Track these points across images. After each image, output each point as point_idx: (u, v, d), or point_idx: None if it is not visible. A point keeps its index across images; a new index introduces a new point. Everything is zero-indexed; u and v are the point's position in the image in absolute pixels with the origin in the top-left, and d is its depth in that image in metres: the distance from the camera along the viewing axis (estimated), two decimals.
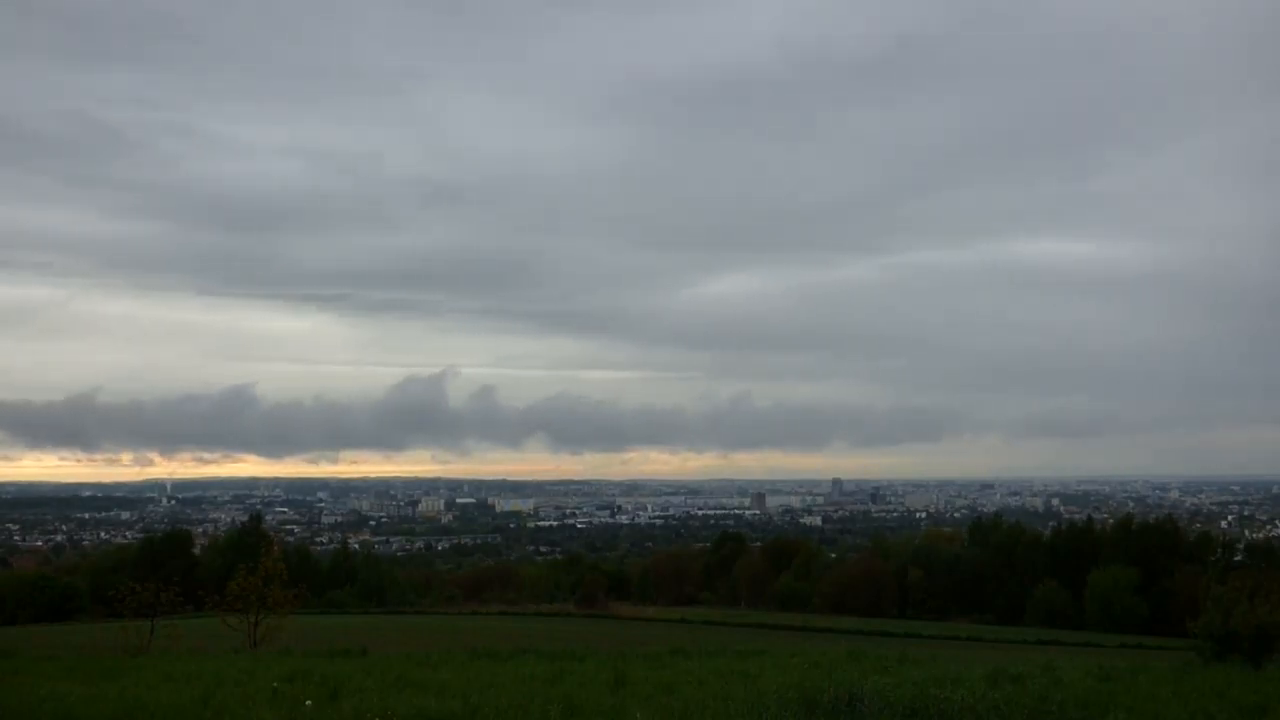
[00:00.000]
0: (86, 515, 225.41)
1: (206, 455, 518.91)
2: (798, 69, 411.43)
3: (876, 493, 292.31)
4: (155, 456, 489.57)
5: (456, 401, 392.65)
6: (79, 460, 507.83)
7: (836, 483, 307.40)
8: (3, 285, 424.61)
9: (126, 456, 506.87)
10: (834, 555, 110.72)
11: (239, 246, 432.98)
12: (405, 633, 43.07)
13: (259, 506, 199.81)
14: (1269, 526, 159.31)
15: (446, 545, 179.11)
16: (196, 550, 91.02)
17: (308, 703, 13.12)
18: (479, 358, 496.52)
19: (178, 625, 31.24)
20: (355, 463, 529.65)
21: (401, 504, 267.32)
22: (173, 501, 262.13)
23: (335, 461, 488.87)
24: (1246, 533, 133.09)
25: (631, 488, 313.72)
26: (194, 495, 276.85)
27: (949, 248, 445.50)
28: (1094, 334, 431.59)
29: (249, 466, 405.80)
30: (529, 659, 21.08)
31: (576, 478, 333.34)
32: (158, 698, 13.90)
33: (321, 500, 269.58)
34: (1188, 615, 22.46)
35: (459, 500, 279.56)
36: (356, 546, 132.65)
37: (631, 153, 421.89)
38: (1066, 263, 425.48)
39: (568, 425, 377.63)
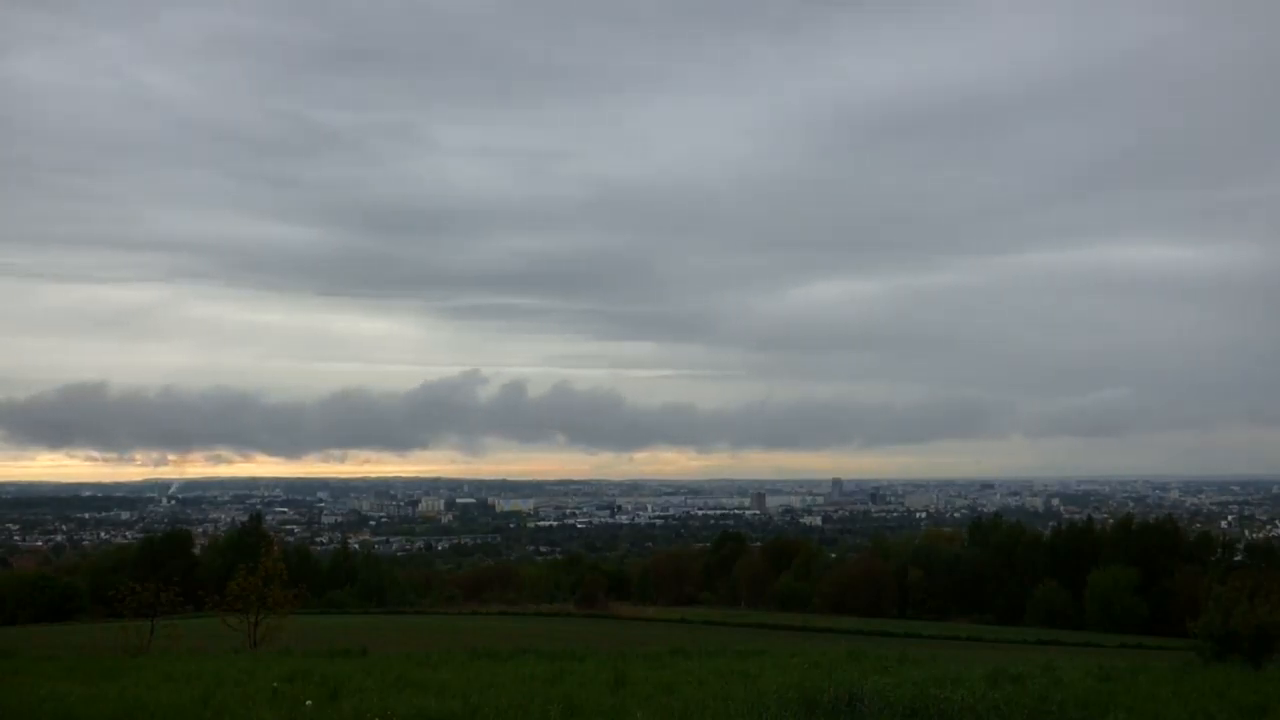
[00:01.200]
0: (86, 515, 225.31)
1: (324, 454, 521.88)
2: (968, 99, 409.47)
3: (876, 493, 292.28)
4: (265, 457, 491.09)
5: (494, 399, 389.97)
6: (173, 461, 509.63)
7: (836, 483, 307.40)
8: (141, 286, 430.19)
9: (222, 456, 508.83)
10: (834, 555, 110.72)
11: (378, 249, 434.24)
12: (405, 633, 43.07)
13: (259, 506, 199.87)
14: (1269, 526, 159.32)
15: (446, 545, 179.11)
16: (196, 550, 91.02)
17: (308, 703, 13.12)
18: (541, 358, 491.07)
19: (178, 625, 31.25)
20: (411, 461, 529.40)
21: (401, 504, 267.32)
22: (173, 501, 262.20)
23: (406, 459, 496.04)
24: (1246, 533, 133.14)
25: (631, 487, 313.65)
26: (194, 495, 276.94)
27: (1052, 251, 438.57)
28: (1135, 333, 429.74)
29: (386, 465, 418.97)
30: (529, 659, 21.08)
31: (577, 477, 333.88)
32: (158, 698, 13.90)
33: (321, 500, 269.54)
34: (1188, 615, 22.46)
35: (459, 500, 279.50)
36: (356, 546, 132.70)
37: (786, 167, 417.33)
38: (1158, 267, 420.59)
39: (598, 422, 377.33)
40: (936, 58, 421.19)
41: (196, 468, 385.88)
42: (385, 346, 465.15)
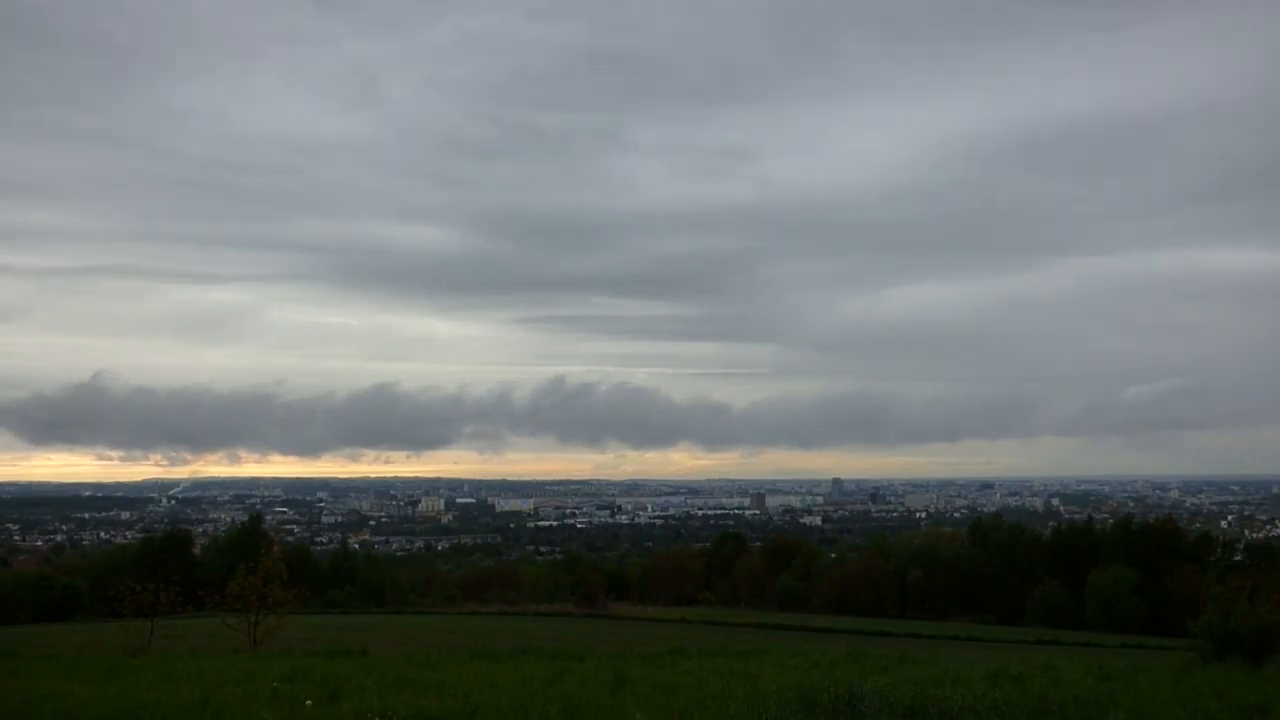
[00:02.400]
0: (86, 515, 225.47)
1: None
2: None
3: (876, 493, 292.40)
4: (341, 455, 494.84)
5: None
6: (260, 460, 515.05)
7: (836, 482, 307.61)
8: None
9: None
10: (834, 555, 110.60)
11: (498, 252, 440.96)
12: (405, 633, 43.03)
13: (259, 506, 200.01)
14: (1269, 526, 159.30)
15: (446, 545, 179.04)
16: (196, 550, 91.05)
17: (308, 703, 13.13)
18: (601, 358, 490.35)
19: (178, 625, 31.27)
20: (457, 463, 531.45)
21: (401, 504, 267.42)
22: (172, 501, 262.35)
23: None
24: (1246, 533, 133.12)
25: (631, 487, 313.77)
26: (194, 495, 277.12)
27: (1130, 254, 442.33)
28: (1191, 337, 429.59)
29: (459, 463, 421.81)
30: (529, 659, 21.06)
31: (577, 477, 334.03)
32: (158, 698, 13.90)
33: (321, 500, 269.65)
34: (1188, 615, 22.44)
35: (459, 500, 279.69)
36: (356, 546, 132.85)
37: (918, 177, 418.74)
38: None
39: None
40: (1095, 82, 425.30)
41: (220, 468, 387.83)
42: (460, 349, 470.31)
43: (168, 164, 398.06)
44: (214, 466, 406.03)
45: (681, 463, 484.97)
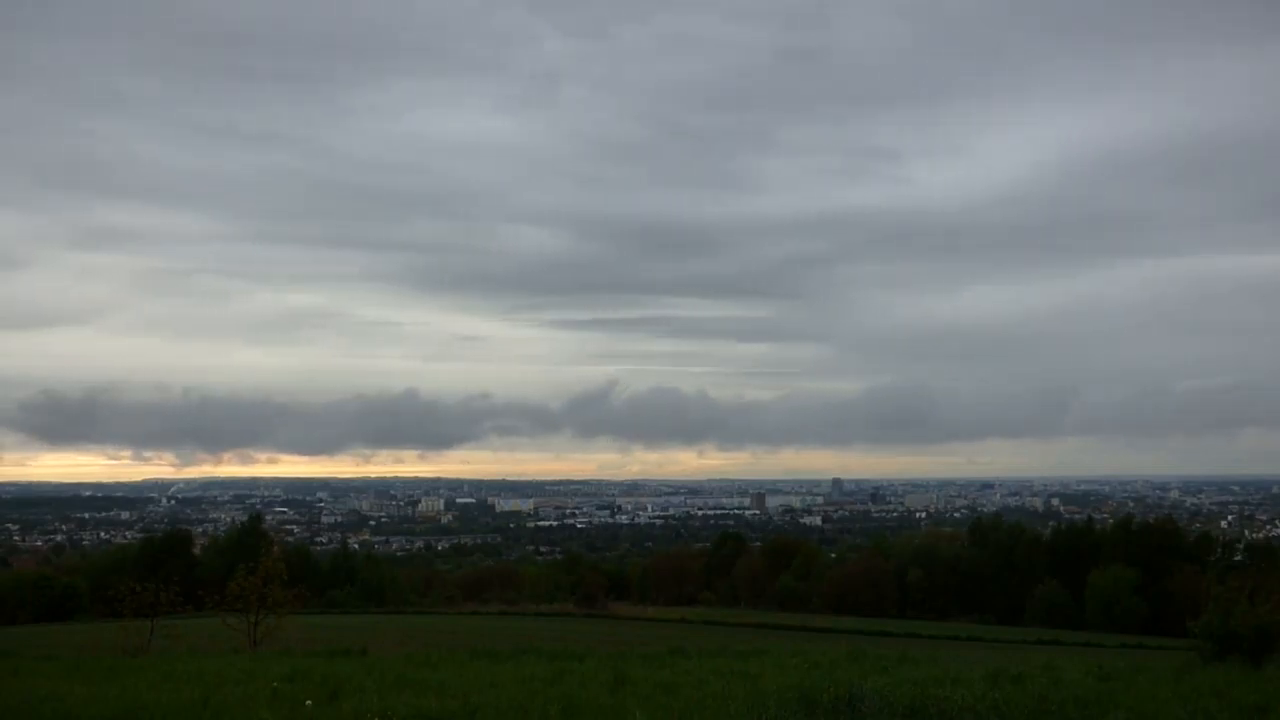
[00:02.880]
0: (86, 515, 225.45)
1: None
2: None
3: (876, 493, 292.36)
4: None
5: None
6: (365, 460, 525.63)
7: (836, 482, 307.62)
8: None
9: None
10: (834, 555, 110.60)
11: (600, 256, 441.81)
12: (405, 633, 43.03)
13: (259, 506, 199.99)
14: (1269, 526, 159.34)
15: (446, 545, 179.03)
16: (196, 550, 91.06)
17: (308, 703, 13.13)
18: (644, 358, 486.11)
19: (178, 625, 31.27)
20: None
21: (401, 504, 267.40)
22: (172, 501, 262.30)
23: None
24: (1246, 533, 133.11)
25: (631, 487, 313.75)
26: (194, 495, 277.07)
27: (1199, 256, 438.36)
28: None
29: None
30: (529, 659, 21.07)
31: (577, 477, 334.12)
32: (158, 698, 13.90)
33: (321, 500, 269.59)
34: (1188, 615, 22.44)
35: (459, 500, 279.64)
36: (356, 546, 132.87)
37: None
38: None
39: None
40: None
41: (261, 467, 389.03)
42: (512, 350, 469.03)
43: (321, 164, 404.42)
44: (237, 466, 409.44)
45: (688, 461, 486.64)
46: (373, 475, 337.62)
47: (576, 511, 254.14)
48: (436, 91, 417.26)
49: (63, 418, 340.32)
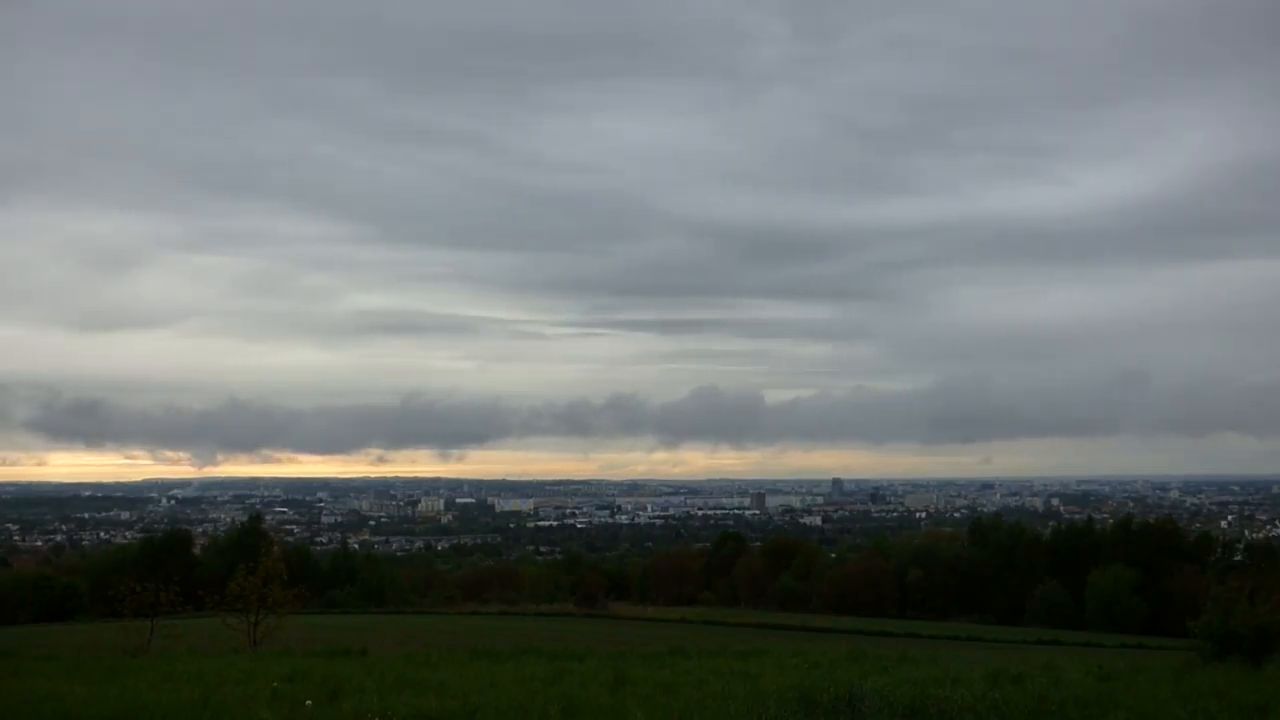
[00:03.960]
0: (86, 515, 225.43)
1: None
2: None
3: (876, 493, 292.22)
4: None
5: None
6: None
7: (836, 482, 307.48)
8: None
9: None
10: (834, 555, 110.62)
11: (718, 263, 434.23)
12: (405, 633, 43.04)
13: (259, 506, 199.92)
14: (1269, 526, 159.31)
15: (446, 545, 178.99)
16: (196, 550, 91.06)
17: (308, 703, 13.14)
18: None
19: (178, 625, 31.27)
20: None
21: (401, 504, 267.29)
22: (172, 501, 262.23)
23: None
24: (1246, 533, 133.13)
25: (631, 488, 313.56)
26: (194, 495, 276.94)
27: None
28: None
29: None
30: (529, 659, 21.07)
31: (577, 477, 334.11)
32: (158, 698, 13.90)
33: (321, 500, 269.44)
34: (1188, 615, 22.45)
35: (459, 500, 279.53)
36: (356, 546, 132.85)
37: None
38: None
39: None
40: None
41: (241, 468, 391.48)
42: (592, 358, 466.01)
43: (487, 165, 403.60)
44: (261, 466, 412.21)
45: (695, 462, 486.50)
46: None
47: (576, 511, 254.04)
48: (625, 90, 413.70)
49: (96, 419, 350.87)
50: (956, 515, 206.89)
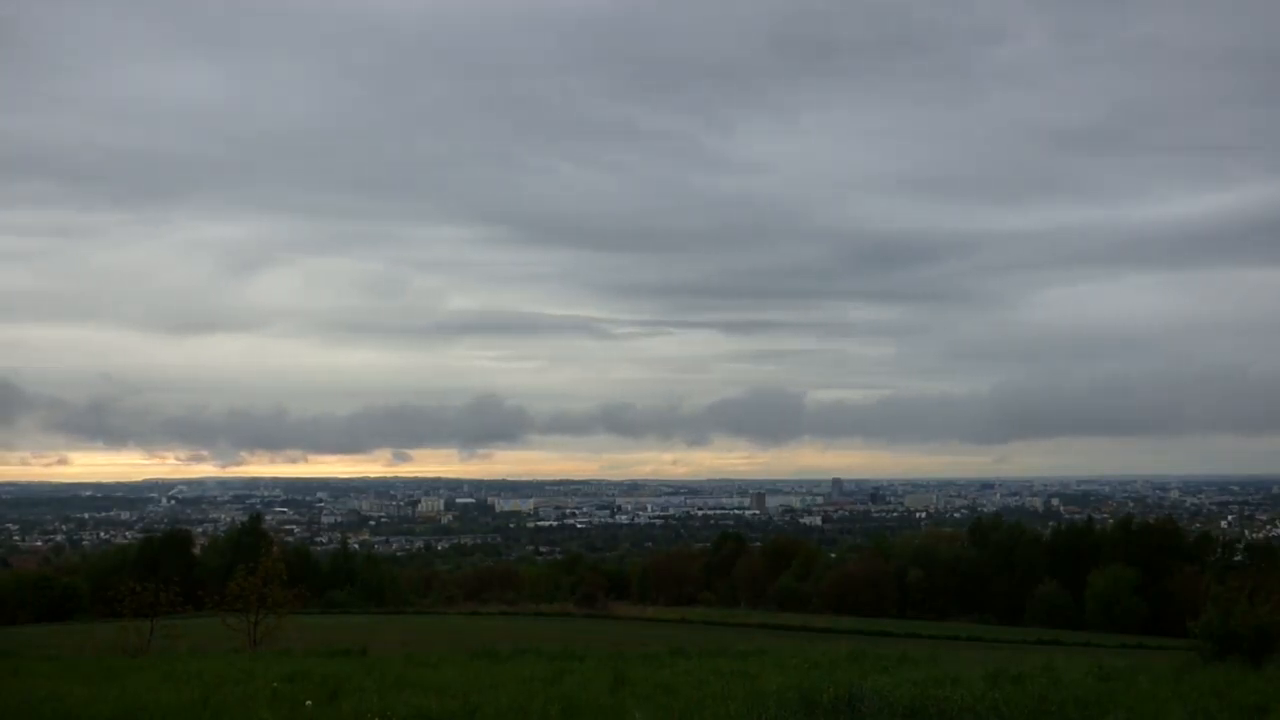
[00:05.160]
0: (86, 515, 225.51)
1: None
2: None
3: (876, 493, 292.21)
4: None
5: None
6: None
7: (836, 482, 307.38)
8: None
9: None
10: (834, 555, 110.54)
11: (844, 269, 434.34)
12: (405, 633, 43.03)
13: (259, 506, 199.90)
14: (1269, 526, 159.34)
15: (446, 545, 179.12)
16: (196, 550, 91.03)
17: (308, 703, 13.14)
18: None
19: (178, 625, 31.26)
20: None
21: (401, 504, 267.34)
22: (172, 501, 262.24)
23: None
24: (1246, 533, 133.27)
25: (631, 488, 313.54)
26: (194, 495, 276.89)
27: None
28: None
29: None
30: (529, 659, 21.08)
31: (577, 477, 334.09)
32: (158, 698, 13.91)
33: (321, 500, 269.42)
34: (1188, 615, 22.44)
35: (459, 500, 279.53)
36: (356, 546, 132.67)
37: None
38: None
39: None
40: None
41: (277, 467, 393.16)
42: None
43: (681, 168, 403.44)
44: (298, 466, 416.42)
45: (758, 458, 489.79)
46: (372, 476, 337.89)
47: (576, 511, 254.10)
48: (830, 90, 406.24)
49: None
50: (956, 515, 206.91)
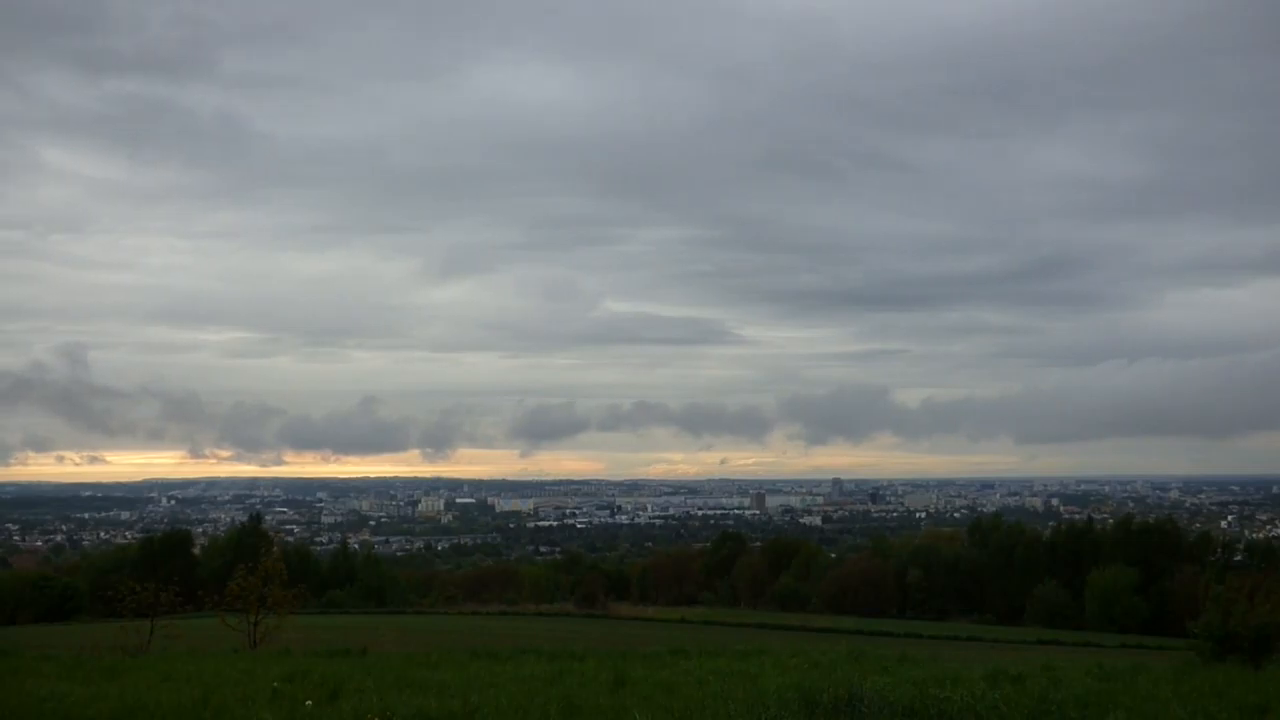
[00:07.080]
0: (86, 515, 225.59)
1: None
2: None
3: (876, 493, 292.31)
4: None
5: None
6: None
7: (836, 482, 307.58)
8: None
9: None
10: (834, 555, 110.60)
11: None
12: (405, 633, 43.03)
13: (259, 506, 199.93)
14: (1269, 526, 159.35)
15: (446, 545, 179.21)
16: (196, 550, 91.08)
17: (308, 703, 13.11)
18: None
19: (177, 625, 31.21)
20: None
21: (401, 504, 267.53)
22: (172, 501, 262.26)
23: None
24: (1246, 533, 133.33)
25: (631, 488, 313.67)
26: (194, 495, 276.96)
27: None
28: None
29: None
30: (529, 659, 21.06)
31: (577, 477, 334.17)
32: (158, 698, 13.89)
33: (321, 500, 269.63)
34: (1188, 615, 22.50)
35: (459, 500, 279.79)
36: (356, 546, 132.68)
37: None
38: None
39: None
40: None
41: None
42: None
43: None
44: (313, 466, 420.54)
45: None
46: (372, 475, 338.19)
47: (576, 511, 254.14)
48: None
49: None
50: (956, 515, 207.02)
